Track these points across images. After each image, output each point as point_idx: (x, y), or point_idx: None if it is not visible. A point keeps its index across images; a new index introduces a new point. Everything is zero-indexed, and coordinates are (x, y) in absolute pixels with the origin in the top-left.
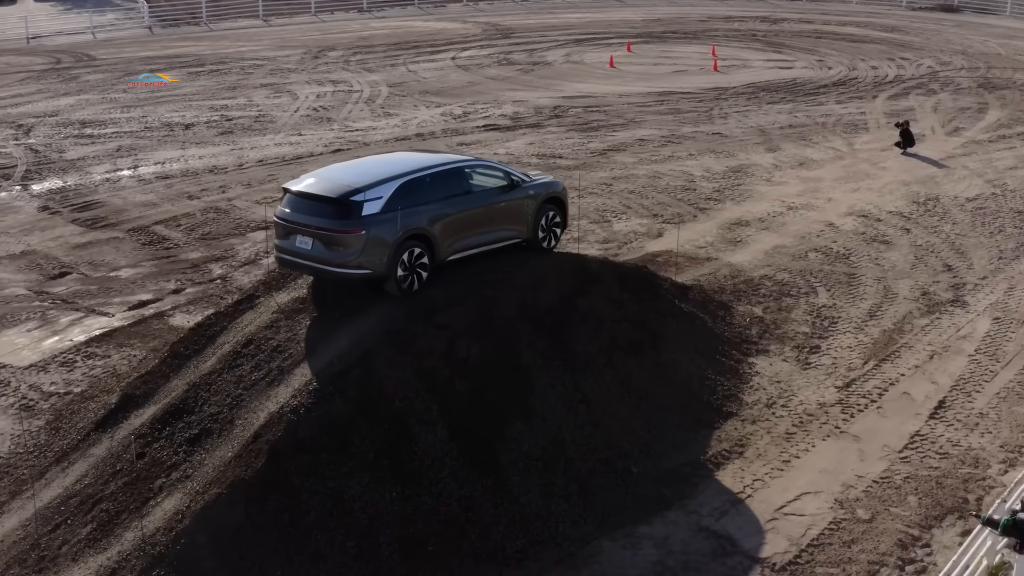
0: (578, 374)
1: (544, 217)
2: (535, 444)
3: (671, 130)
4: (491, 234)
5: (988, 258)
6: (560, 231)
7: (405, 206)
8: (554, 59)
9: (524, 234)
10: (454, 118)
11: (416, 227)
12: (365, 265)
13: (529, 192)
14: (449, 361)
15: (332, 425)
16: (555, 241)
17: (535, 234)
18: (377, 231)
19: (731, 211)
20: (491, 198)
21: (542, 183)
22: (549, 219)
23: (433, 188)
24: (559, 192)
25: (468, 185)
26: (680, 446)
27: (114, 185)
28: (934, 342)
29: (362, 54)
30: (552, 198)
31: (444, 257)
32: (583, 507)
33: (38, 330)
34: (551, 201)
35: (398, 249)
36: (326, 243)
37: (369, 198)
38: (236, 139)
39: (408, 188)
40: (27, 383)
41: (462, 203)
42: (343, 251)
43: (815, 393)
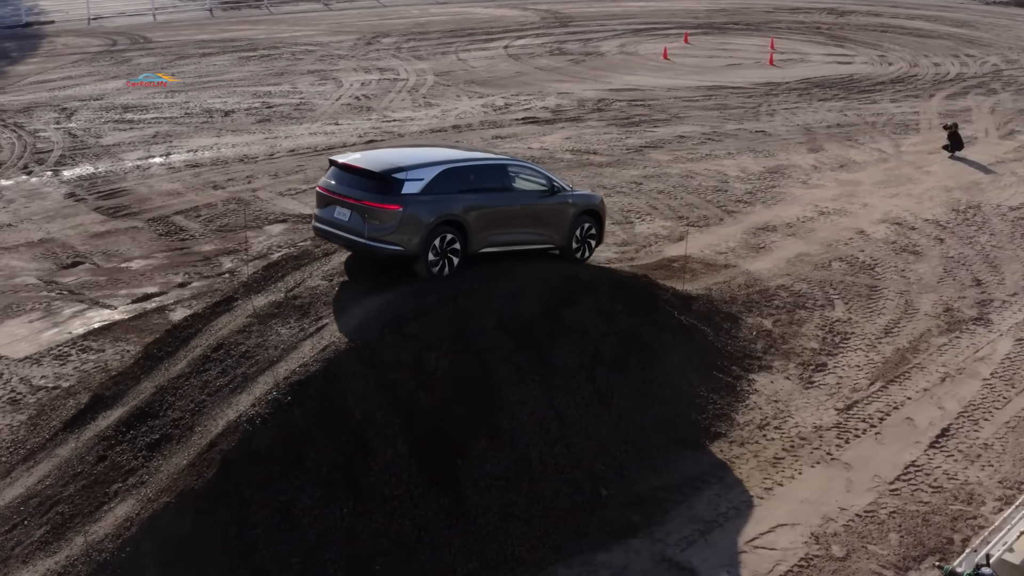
0: (554, 390)
1: (580, 228)
2: (499, 463)
3: (714, 127)
4: (525, 234)
5: (1022, 273)
6: (595, 244)
7: (444, 191)
8: (608, 50)
9: (558, 241)
10: (494, 110)
11: (451, 213)
12: (398, 242)
13: (568, 200)
14: (416, 374)
15: (288, 436)
16: (588, 253)
17: (568, 243)
18: (414, 211)
19: (760, 215)
20: (530, 199)
21: (581, 194)
22: (584, 230)
23: (474, 179)
24: (596, 205)
25: (509, 183)
26: (658, 468)
27: (143, 173)
28: (949, 363)
29: (415, 41)
30: (590, 210)
31: (477, 248)
32: (543, 530)
33: (40, 321)
34: (588, 213)
35: (432, 232)
36: (363, 216)
37: (411, 178)
38: (272, 127)
39: (449, 175)
40: (19, 376)
41: (500, 199)
42: (378, 225)
43: (813, 415)
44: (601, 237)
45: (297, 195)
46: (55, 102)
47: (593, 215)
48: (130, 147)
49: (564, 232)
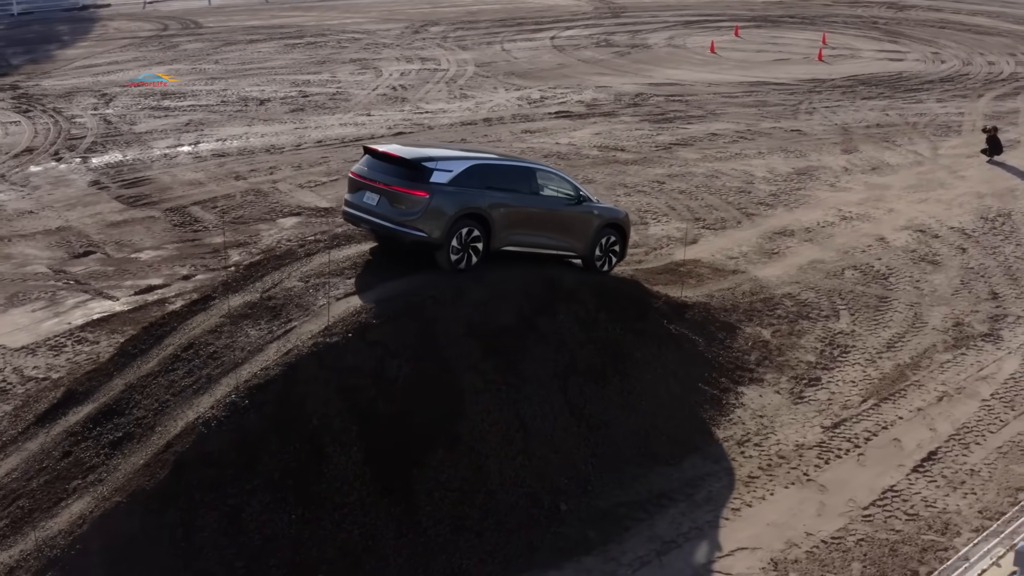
0: (522, 400)
1: (604, 239)
2: (455, 473)
3: (749, 125)
4: (548, 239)
5: None
6: (617, 258)
7: (471, 185)
8: (655, 42)
9: (580, 250)
10: (529, 103)
11: (476, 207)
12: (422, 228)
13: (593, 211)
14: (377, 380)
15: (243, 440)
16: (610, 266)
17: (591, 253)
18: (439, 200)
19: (780, 218)
20: (555, 205)
21: (607, 207)
22: (608, 242)
23: (502, 178)
24: (621, 220)
25: (536, 186)
26: (625, 483)
27: (169, 161)
28: (949, 382)
29: (463, 30)
30: (614, 224)
31: (499, 246)
32: (494, 544)
33: (43, 311)
34: (613, 227)
35: (455, 223)
36: (391, 200)
37: (440, 168)
38: (304, 117)
39: (478, 170)
40: (12, 365)
41: (526, 200)
42: (405, 210)
43: (797, 432)
44: (624, 252)
45: (316, 187)
46: (97, 87)
47: (617, 229)
48: (161, 135)
49: (587, 242)
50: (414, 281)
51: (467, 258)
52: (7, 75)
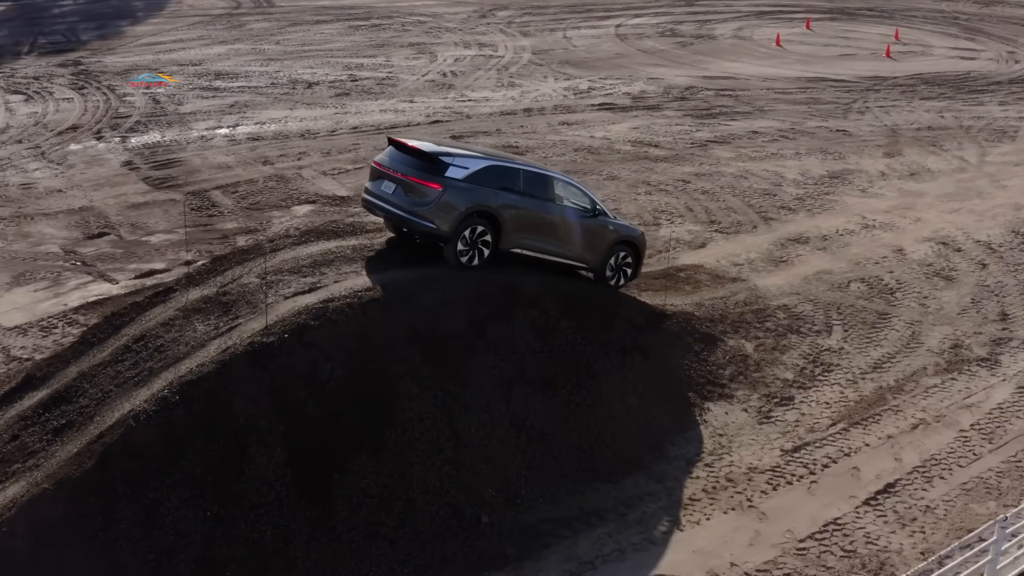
0: (458, 408)
1: (616, 255)
2: (376, 479)
3: (794, 123)
4: (559, 247)
5: None
6: (631, 274)
7: (485, 184)
8: (722, 33)
9: (591, 262)
10: (575, 94)
11: (487, 205)
12: (432, 220)
13: (608, 226)
14: (308, 382)
15: (169, 435)
16: (623, 281)
17: (602, 267)
18: (452, 195)
19: (798, 224)
20: (569, 215)
21: (623, 224)
22: (620, 258)
23: (517, 182)
24: (635, 238)
25: (552, 194)
26: (556, 499)
27: (204, 144)
28: (930, 408)
29: (530, 15)
30: (628, 241)
31: (508, 247)
32: (406, 554)
33: (44, 291)
34: (627, 244)
35: (465, 219)
36: (406, 190)
37: (456, 164)
38: (347, 102)
39: (494, 171)
40: (1, 345)
41: (540, 206)
42: (418, 200)
43: (754, 454)
44: (638, 270)
45: (339, 175)
46: (156, 65)
47: (632, 247)
48: (204, 116)
49: (599, 256)
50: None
51: (474, 255)
52: (74, 50)
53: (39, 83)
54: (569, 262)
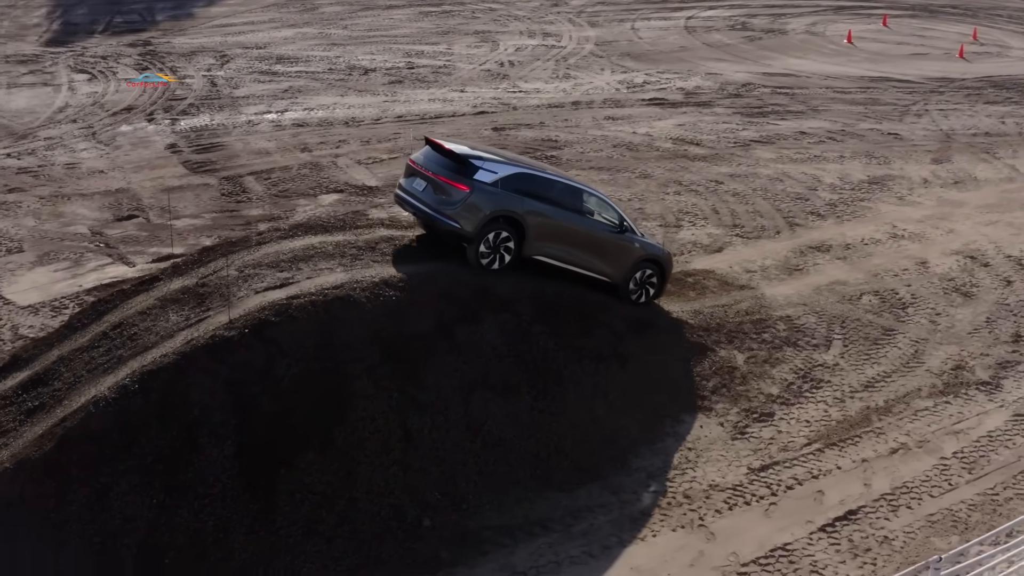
0: (413, 410)
1: (640, 272)
2: (321, 477)
3: (845, 125)
4: (583, 258)
5: None
6: (654, 292)
7: (513, 190)
8: (794, 27)
9: (614, 277)
10: (628, 88)
11: (512, 210)
12: (457, 220)
13: (634, 243)
14: (264, 377)
15: (125, 422)
16: (645, 298)
17: (625, 283)
18: (478, 197)
19: (824, 231)
20: (596, 228)
21: (650, 243)
22: (644, 275)
23: (546, 190)
24: (661, 257)
25: (580, 206)
26: (504, 506)
27: (250, 129)
28: (914, 432)
29: (603, 5)
30: (655, 260)
31: (531, 254)
32: (341, 552)
33: (63, 271)
34: (652, 261)
35: (489, 222)
36: (435, 189)
37: (486, 168)
38: (398, 90)
39: (524, 178)
40: (12, 323)
41: (566, 216)
42: (445, 199)
43: (719, 471)
44: (662, 289)
45: (373, 164)
46: (221, 48)
47: (657, 265)
48: (257, 100)
49: (623, 271)
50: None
51: (497, 259)
52: (145, 31)
53: (105, 63)
54: (591, 274)
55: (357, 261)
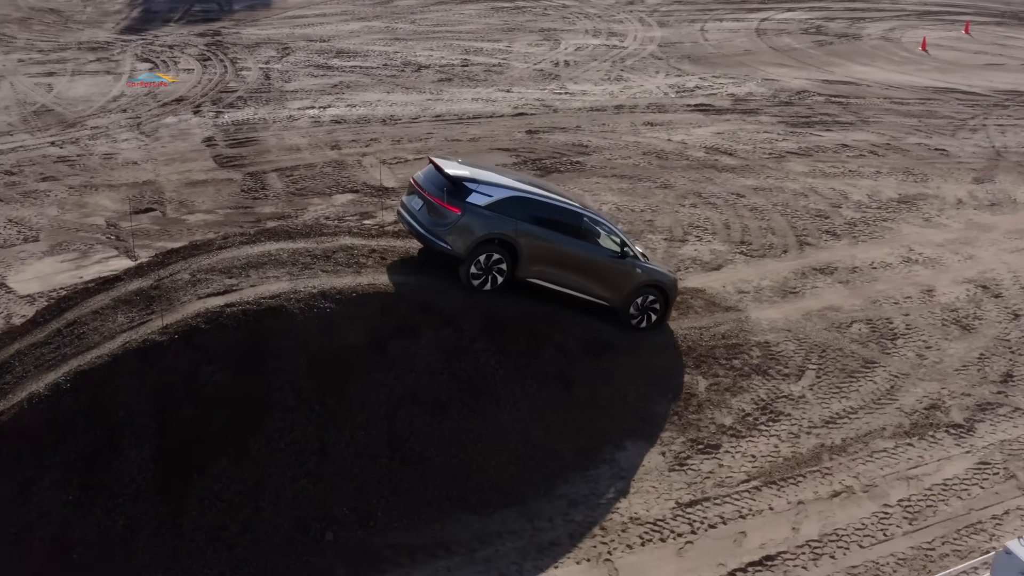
0: (333, 423)
1: (642, 297)
2: (231, 485)
3: (892, 138)
4: (580, 282)
5: None
6: (656, 318)
7: (507, 213)
8: (870, 33)
9: (613, 302)
10: (677, 92)
11: (504, 233)
12: (448, 241)
13: (635, 268)
14: (188, 383)
15: (54, 419)
16: (647, 324)
17: (625, 308)
18: (470, 219)
19: (835, 252)
20: (594, 252)
21: (651, 268)
22: (646, 301)
23: (543, 214)
24: (664, 283)
25: (578, 229)
26: (413, 526)
27: (288, 124)
28: (864, 475)
29: (680, 4)
30: (658, 285)
31: (526, 276)
32: (240, 560)
33: (69, 262)
34: (655, 287)
35: (480, 244)
36: (430, 209)
37: (479, 191)
38: (445, 88)
39: (519, 201)
40: (7, 312)
41: (563, 240)
42: (437, 220)
43: (645, 503)
44: (665, 315)
45: (397, 165)
46: (286, 40)
47: (660, 291)
48: (304, 95)
49: (622, 296)
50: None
51: (489, 280)
52: (217, 20)
53: (171, 52)
54: (589, 298)
55: (307, 270)
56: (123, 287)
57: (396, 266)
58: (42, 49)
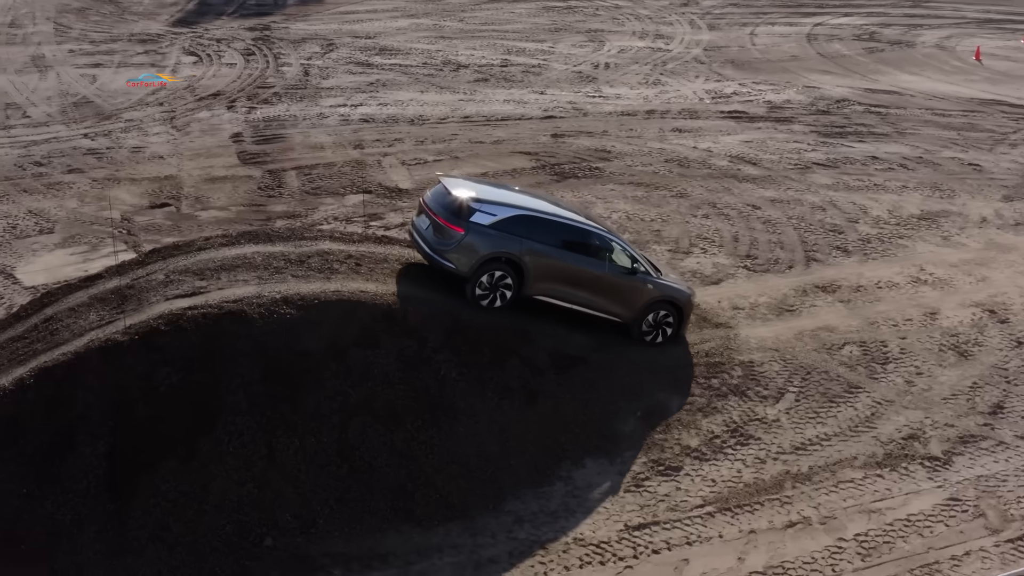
0: (283, 429)
1: (656, 313)
2: (177, 485)
3: (925, 152)
4: (589, 299)
5: None
6: (671, 333)
7: (512, 232)
8: (924, 41)
9: (624, 318)
10: (712, 98)
11: (509, 252)
12: (452, 261)
13: (647, 285)
14: (144, 383)
15: (17, 414)
16: (661, 339)
17: (637, 323)
18: (473, 239)
19: (841, 269)
20: (603, 269)
21: (666, 283)
22: (659, 316)
23: (550, 232)
24: (678, 298)
25: (587, 248)
26: (354, 535)
27: (317, 122)
28: (824, 506)
29: (735, 7)
30: (670, 300)
31: (533, 293)
32: (179, 561)
33: (78, 255)
34: (669, 303)
35: (485, 263)
36: (435, 229)
37: (483, 210)
38: (479, 89)
39: (524, 220)
40: (9, 302)
41: (571, 258)
42: (442, 240)
43: (593, 524)
44: (679, 330)
45: (416, 166)
46: (332, 36)
47: (674, 306)
48: (339, 92)
49: (633, 312)
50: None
51: (495, 298)
52: (270, 14)
53: (218, 46)
54: (599, 314)
55: (277, 275)
56: (102, 285)
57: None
58: (94, 40)
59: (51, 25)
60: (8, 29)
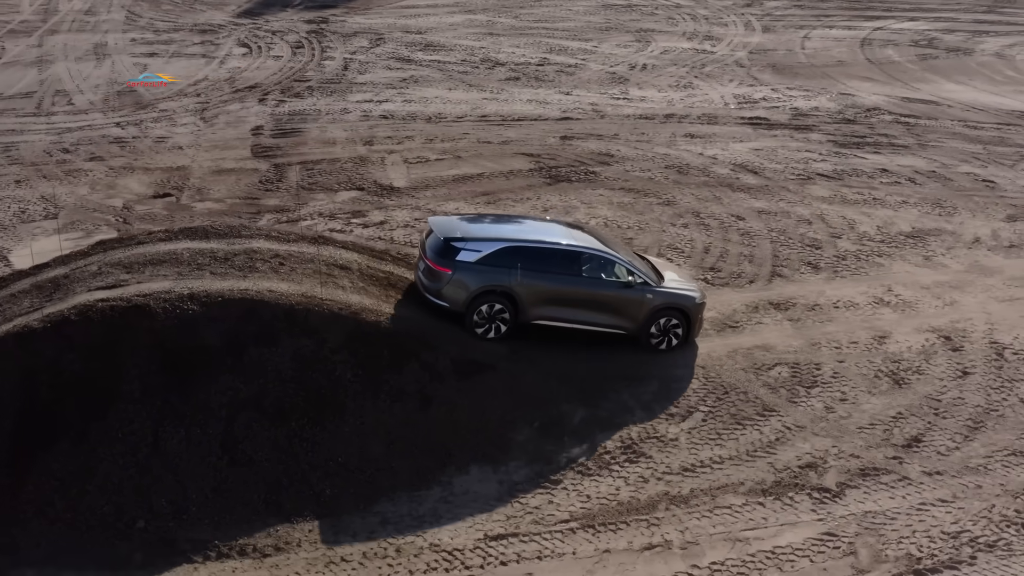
0: (171, 420)
1: (662, 321)
2: (65, 466)
3: (940, 167)
4: (587, 316)
5: (991, 443)
6: (680, 340)
7: (500, 265)
8: (984, 48)
9: (629, 330)
10: (738, 103)
11: (500, 284)
12: (446, 299)
13: (645, 295)
14: (50, 368)
15: None
16: (668, 346)
17: (643, 333)
18: (462, 276)
19: (803, 286)
20: (599, 287)
21: (668, 291)
22: (666, 323)
23: (538, 260)
24: (684, 304)
25: (579, 269)
26: (222, 524)
27: (338, 117)
28: (691, 530)
29: (800, 8)
30: (676, 307)
31: (531, 319)
32: (57, 535)
33: (72, 241)
34: (675, 310)
35: (477, 298)
36: (428, 271)
37: (467, 248)
38: (507, 88)
39: (511, 252)
40: None
41: (564, 281)
42: (434, 281)
43: (454, 531)
44: (689, 335)
45: (416, 165)
46: (384, 30)
47: (681, 312)
48: (369, 88)
49: (637, 323)
50: (177, 286)
51: (493, 329)
52: (333, 7)
53: (272, 38)
54: (604, 329)
55: (196, 272)
56: (46, 273)
57: (292, 274)
58: (157, 29)
59: (123, 13)
60: (83, 16)
